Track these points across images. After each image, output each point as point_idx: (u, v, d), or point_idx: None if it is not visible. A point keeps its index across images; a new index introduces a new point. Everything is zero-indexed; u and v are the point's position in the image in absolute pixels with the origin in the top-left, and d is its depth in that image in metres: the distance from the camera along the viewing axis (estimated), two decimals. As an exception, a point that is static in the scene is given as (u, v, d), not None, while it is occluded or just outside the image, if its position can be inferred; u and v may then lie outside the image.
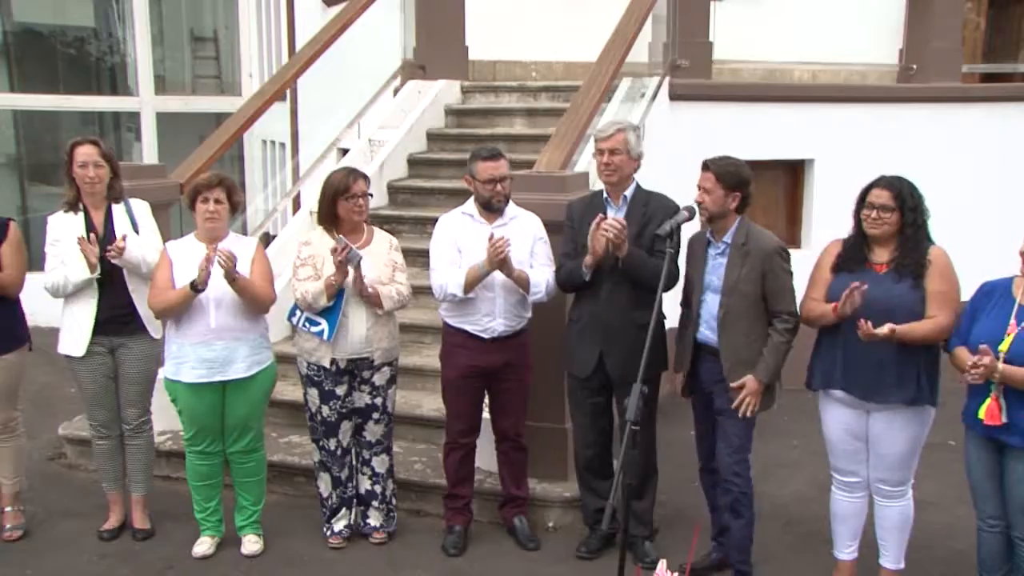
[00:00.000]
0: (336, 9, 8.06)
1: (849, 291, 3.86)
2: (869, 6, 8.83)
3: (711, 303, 4.31)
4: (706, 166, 4.30)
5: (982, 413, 3.73)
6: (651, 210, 4.51)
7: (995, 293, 3.88)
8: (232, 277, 4.36)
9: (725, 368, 4.25)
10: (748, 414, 4.21)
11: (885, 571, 4.37)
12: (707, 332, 4.33)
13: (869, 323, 3.82)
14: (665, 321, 4.56)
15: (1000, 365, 3.61)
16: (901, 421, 4.07)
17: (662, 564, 2.97)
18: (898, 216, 3.97)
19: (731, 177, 4.22)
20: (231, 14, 13.58)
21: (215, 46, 13.94)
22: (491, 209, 4.65)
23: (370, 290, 4.55)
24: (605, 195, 4.61)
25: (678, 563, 3.19)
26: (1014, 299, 3.78)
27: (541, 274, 4.65)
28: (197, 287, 4.36)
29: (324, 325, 4.59)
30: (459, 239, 4.65)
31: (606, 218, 4.33)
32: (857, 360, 4.04)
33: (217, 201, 4.50)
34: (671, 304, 4.56)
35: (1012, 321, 3.73)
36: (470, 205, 4.73)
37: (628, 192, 4.57)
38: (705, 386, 4.40)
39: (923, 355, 3.94)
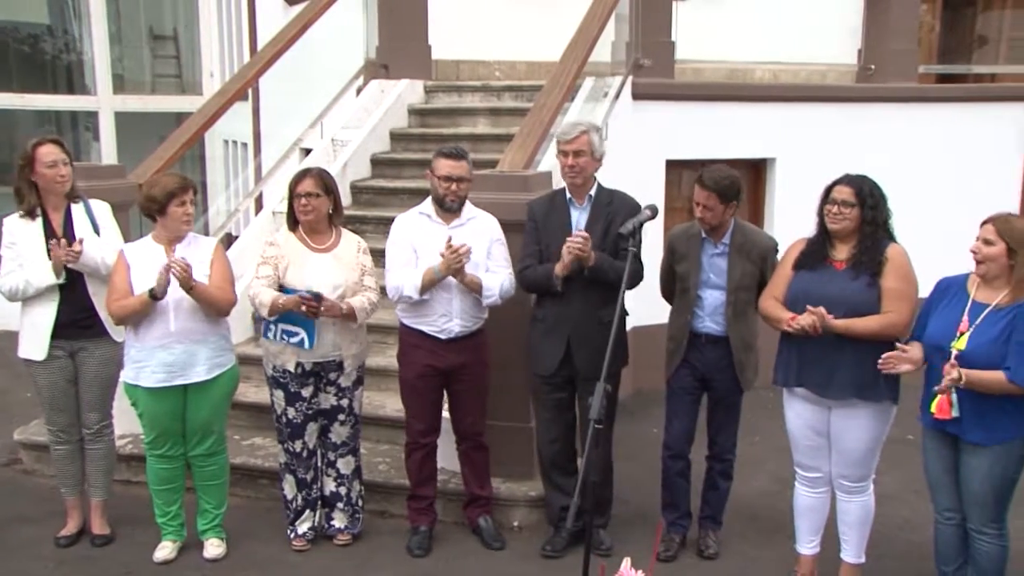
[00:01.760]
0: (298, 8, 8.01)
1: (811, 323, 3.94)
2: (828, 8, 8.94)
3: (712, 298, 4.53)
4: (704, 184, 4.37)
5: (933, 407, 3.79)
6: (615, 209, 4.57)
7: (950, 290, 3.94)
8: (189, 286, 4.31)
9: (736, 356, 4.53)
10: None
11: (846, 565, 4.42)
12: (711, 324, 4.55)
13: (820, 308, 3.93)
14: (627, 319, 4.60)
15: (964, 376, 3.65)
16: (861, 417, 4.12)
17: (626, 562, 2.97)
18: (858, 212, 4.02)
19: (729, 190, 4.38)
20: (191, 13, 13.47)
21: (175, 45, 13.81)
22: (443, 207, 4.63)
23: (344, 308, 4.52)
24: (568, 195, 4.63)
25: (637, 555, 3.19)
26: (968, 296, 3.84)
27: (495, 278, 4.64)
28: (156, 295, 4.32)
29: (303, 334, 4.56)
30: (415, 240, 4.63)
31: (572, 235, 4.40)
32: (812, 358, 4.09)
33: (191, 203, 4.48)
34: (643, 300, 4.63)
35: (964, 318, 3.78)
36: (427, 205, 4.71)
37: (592, 191, 4.61)
38: (705, 373, 4.60)
39: (879, 352, 3.98)
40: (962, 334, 3.76)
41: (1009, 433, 3.75)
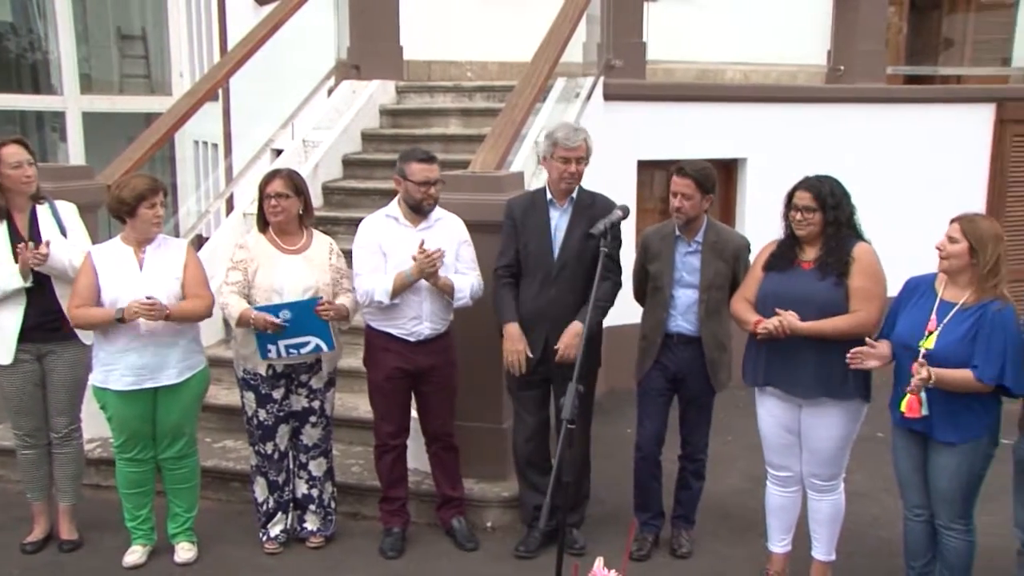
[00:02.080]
0: (268, 8, 7.96)
1: (777, 325, 4.00)
2: (798, 9, 9.01)
3: (685, 297, 4.53)
4: (685, 172, 4.38)
5: (903, 406, 3.82)
6: (596, 211, 4.55)
7: (919, 289, 3.97)
8: (164, 317, 4.29)
9: (708, 355, 4.53)
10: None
11: (816, 562, 4.45)
12: (683, 323, 4.55)
13: (787, 317, 3.98)
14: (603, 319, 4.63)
15: (934, 376, 3.67)
16: (831, 416, 4.15)
17: (599, 562, 2.98)
18: (821, 216, 4.05)
19: (707, 180, 4.42)
20: (159, 12, 13.36)
21: (144, 45, 13.68)
22: (420, 212, 4.61)
23: (332, 312, 4.53)
24: (549, 196, 4.63)
25: (610, 555, 3.20)
26: (936, 295, 3.88)
27: (465, 280, 4.65)
28: (123, 320, 4.28)
29: (314, 341, 4.53)
30: (384, 243, 4.60)
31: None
32: (779, 357, 4.13)
33: (161, 205, 4.43)
34: (616, 300, 4.64)
35: (932, 317, 3.82)
36: (394, 208, 4.68)
37: (574, 193, 4.62)
38: (677, 373, 4.60)
39: (846, 351, 3.99)
40: (930, 333, 3.79)
41: (976, 431, 3.80)
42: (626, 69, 7.04)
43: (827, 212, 4.04)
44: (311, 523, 4.90)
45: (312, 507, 4.89)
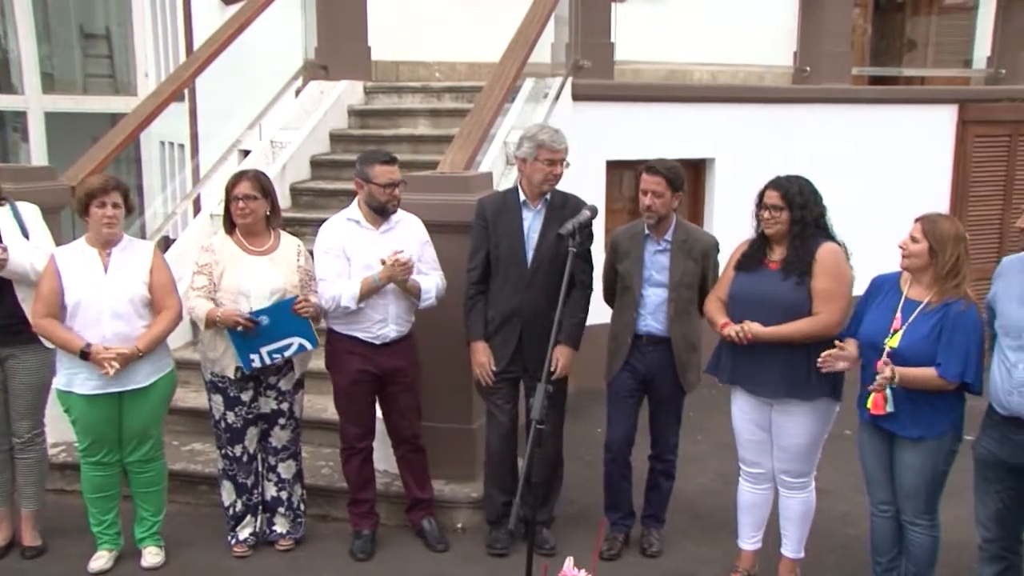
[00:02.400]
0: (235, 8, 7.90)
1: (737, 331, 4.07)
2: (765, 10, 9.07)
3: (654, 297, 4.53)
4: (655, 171, 4.40)
5: (869, 403, 3.87)
6: (568, 212, 4.56)
7: (884, 287, 4.01)
8: (136, 357, 4.30)
9: (678, 355, 4.53)
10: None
11: (785, 559, 4.48)
12: (652, 323, 4.54)
13: (748, 326, 4.05)
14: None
15: (897, 374, 3.71)
16: (800, 415, 4.18)
17: (569, 561, 2.98)
18: (788, 215, 4.07)
19: (677, 178, 4.45)
20: (124, 11, 13.21)
21: (108, 44, 13.52)
22: (384, 213, 4.60)
23: (311, 309, 4.52)
24: (523, 197, 4.63)
25: (580, 554, 3.21)
26: (901, 293, 3.92)
27: (430, 280, 4.66)
28: (85, 356, 4.26)
29: (297, 341, 4.52)
30: (347, 247, 4.57)
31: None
32: (745, 357, 4.16)
33: (115, 205, 4.34)
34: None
35: (897, 315, 3.86)
36: (355, 211, 4.65)
37: (548, 194, 4.63)
38: (646, 374, 4.60)
39: (813, 351, 4.04)
40: (895, 331, 3.83)
41: (940, 428, 3.84)
42: (594, 70, 7.05)
43: (794, 211, 4.06)
44: (280, 526, 4.87)
45: (281, 510, 4.86)
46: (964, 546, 4.54)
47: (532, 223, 4.63)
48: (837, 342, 3.95)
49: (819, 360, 3.90)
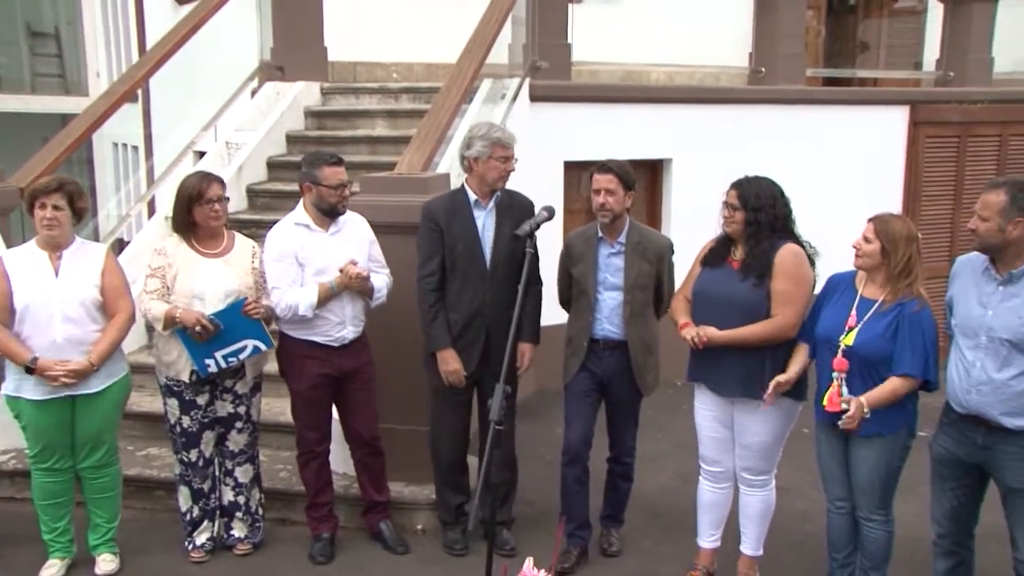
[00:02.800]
0: (188, 7, 7.81)
1: (693, 336, 4.11)
2: (720, 11, 9.15)
3: (609, 299, 4.49)
4: (608, 168, 4.40)
5: (824, 400, 3.91)
6: (515, 210, 4.61)
7: (840, 286, 4.06)
8: (89, 370, 4.24)
9: (634, 358, 4.50)
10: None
11: (744, 557, 4.52)
12: (608, 327, 4.51)
13: (703, 330, 4.10)
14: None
15: (865, 405, 3.74)
16: (762, 413, 4.20)
17: (529, 561, 2.98)
18: (743, 215, 4.10)
19: (629, 177, 4.44)
20: (73, 10, 12.98)
21: (57, 43, 13.28)
22: (335, 215, 4.57)
23: (262, 310, 4.49)
24: (473, 197, 4.61)
25: (540, 555, 3.21)
26: (856, 292, 3.97)
27: (380, 279, 4.67)
28: (31, 371, 4.20)
29: (251, 344, 4.48)
30: (299, 252, 4.52)
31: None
32: (704, 356, 4.18)
33: (56, 207, 4.24)
34: (543, 300, 4.68)
35: (852, 313, 3.91)
36: (302, 215, 4.60)
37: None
38: (603, 377, 4.56)
39: (770, 352, 4.08)
40: (851, 329, 3.88)
41: (895, 425, 3.89)
42: (552, 70, 7.06)
43: (748, 212, 4.08)
44: (238, 530, 4.82)
45: (239, 514, 4.81)
46: (918, 540, 4.61)
47: (486, 222, 4.61)
48: (780, 378, 3.99)
49: (765, 398, 3.98)
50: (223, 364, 4.46)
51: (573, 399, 4.67)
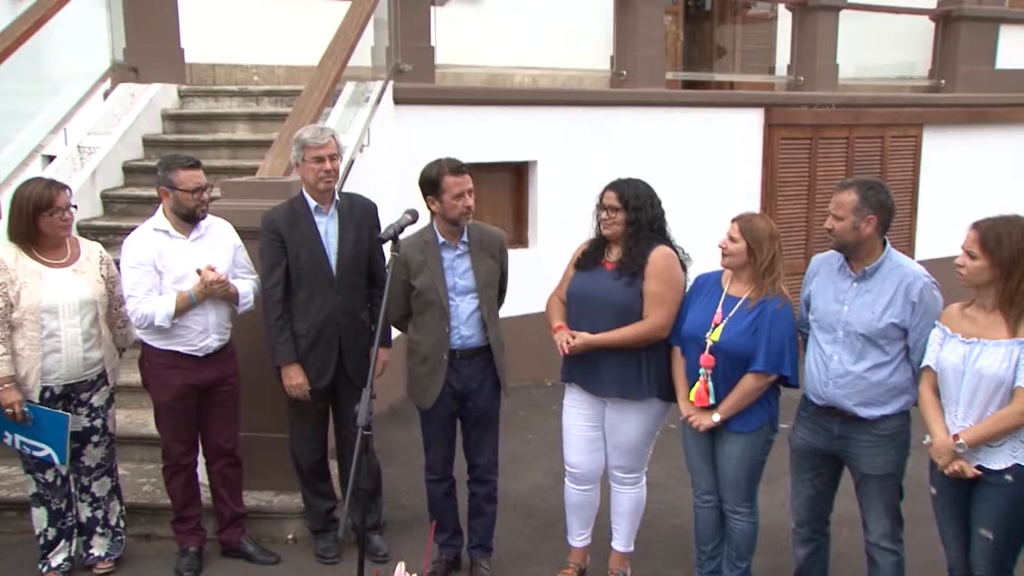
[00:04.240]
0: (28, 3, 7.41)
1: (563, 344, 4.15)
2: (581, 15, 9.29)
3: (464, 305, 4.35)
4: (461, 170, 4.31)
5: (692, 395, 4.03)
6: (357, 212, 4.57)
7: (707, 285, 4.17)
8: None
9: (498, 360, 4.41)
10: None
11: (615, 553, 4.60)
12: (466, 334, 4.36)
13: (580, 337, 4.13)
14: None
15: (720, 415, 3.96)
16: (633, 413, 4.27)
17: (400, 566, 2.96)
18: (624, 216, 4.15)
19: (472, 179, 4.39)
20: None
21: None
22: (195, 220, 4.44)
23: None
24: (313, 203, 4.52)
25: (412, 560, 3.20)
26: (722, 290, 4.09)
27: (247, 284, 4.56)
28: None
29: (47, 450, 4.29)
30: (158, 260, 4.37)
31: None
32: (580, 356, 4.22)
33: None
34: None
35: (719, 310, 4.03)
36: (160, 220, 4.45)
37: (336, 196, 4.58)
38: (462, 391, 4.39)
39: (645, 353, 4.17)
40: (716, 326, 4.00)
41: (759, 420, 4.03)
42: (415, 73, 7.04)
43: (629, 212, 4.14)
44: (98, 548, 4.63)
45: (98, 529, 4.62)
46: (780, 528, 4.80)
47: (328, 228, 4.52)
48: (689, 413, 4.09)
49: (693, 423, 4.05)
50: (17, 446, 4.32)
51: (432, 419, 4.47)
